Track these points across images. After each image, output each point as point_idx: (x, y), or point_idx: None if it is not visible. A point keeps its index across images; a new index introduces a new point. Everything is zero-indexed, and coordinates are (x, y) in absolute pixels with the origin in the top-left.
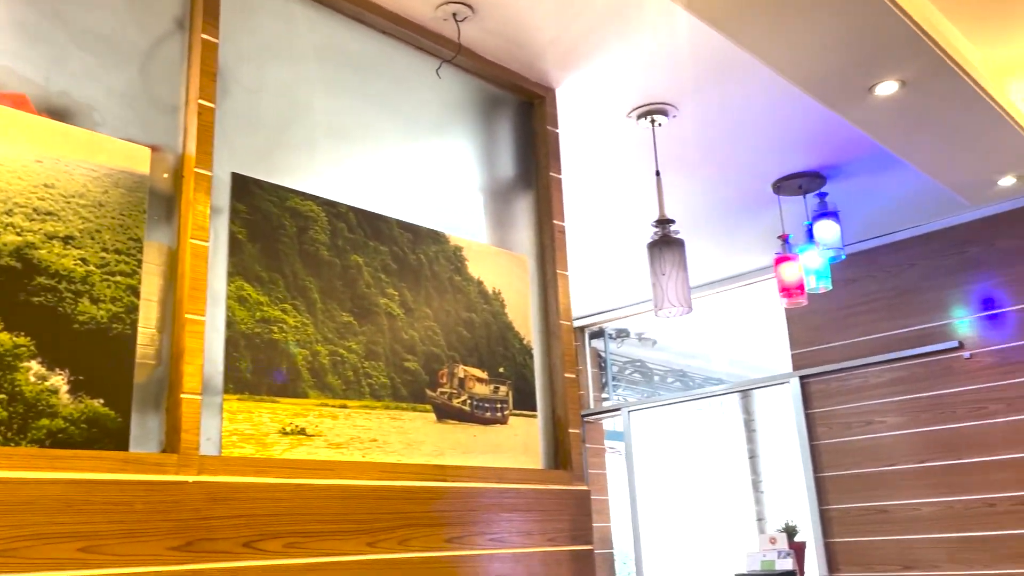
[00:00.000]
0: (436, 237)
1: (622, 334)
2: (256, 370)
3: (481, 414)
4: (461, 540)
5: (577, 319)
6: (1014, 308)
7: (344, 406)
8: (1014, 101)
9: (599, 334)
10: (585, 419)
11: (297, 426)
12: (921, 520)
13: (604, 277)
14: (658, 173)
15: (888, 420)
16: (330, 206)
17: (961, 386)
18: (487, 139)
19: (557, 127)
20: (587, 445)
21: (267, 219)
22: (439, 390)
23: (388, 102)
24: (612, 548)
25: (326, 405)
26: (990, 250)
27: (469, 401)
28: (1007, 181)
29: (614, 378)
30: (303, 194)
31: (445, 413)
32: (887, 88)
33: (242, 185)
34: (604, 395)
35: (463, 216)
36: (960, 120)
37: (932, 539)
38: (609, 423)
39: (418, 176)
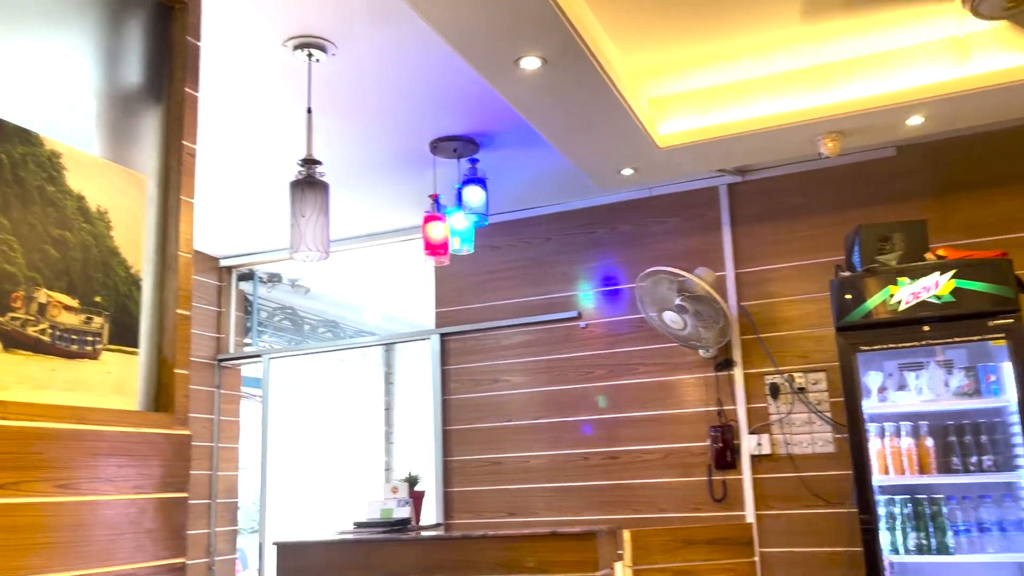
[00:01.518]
0: (26, 137)
1: (274, 279)
2: None
3: (65, 346)
4: (17, 487)
5: (225, 259)
6: (627, 286)
7: None
8: (643, 102)
9: (248, 276)
10: (222, 364)
11: None
12: (529, 471)
13: (256, 217)
14: (309, 110)
15: (512, 379)
16: None
17: (575, 352)
18: (111, 38)
19: (199, 39)
20: (220, 391)
21: None
22: (10, 315)
23: None
24: (237, 497)
25: None
26: (613, 233)
27: (50, 331)
28: (628, 171)
29: (261, 324)
30: None
31: (15, 342)
32: (531, 63)
33: None
34: (248, 340)
35: (68, 121)
36: (592, 107)
37: (536, 488)
38: (251, 370)
39: (13, 65)
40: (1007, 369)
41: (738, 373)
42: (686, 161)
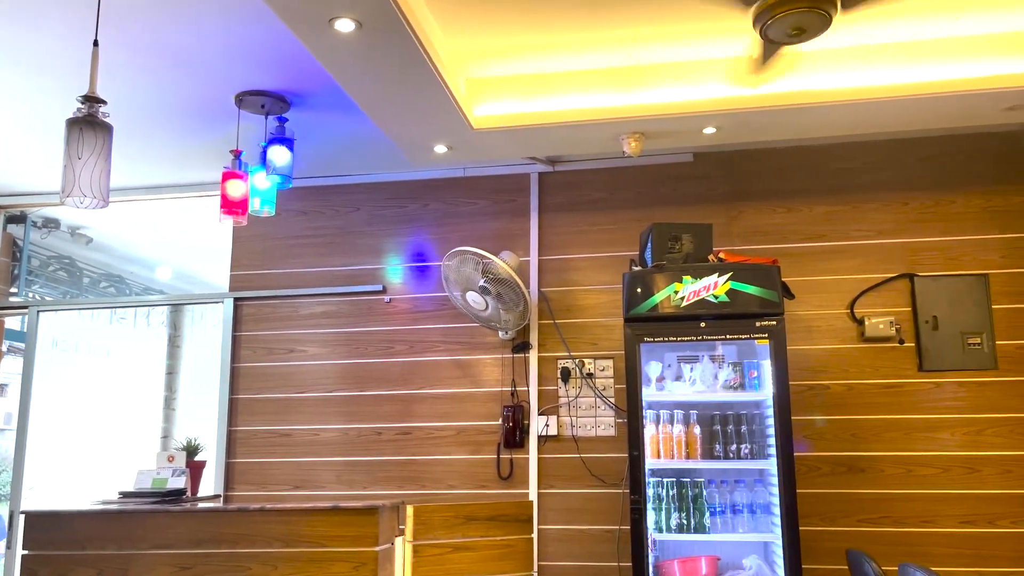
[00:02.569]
0: None
1: (51, 224)
2: None
3: None
4: None
5: None
6: (434, 264)
7: None
8: (461, 82)
9: (19, 219)
10: None
11: None
12: (319, 444)
13: (33, 154)
14: (96, 43)
15: (309, 350)
16: None
17: (377, 326)
18: None
19: None
20: None
21: None
22: None
23: None
24: None
25: None
26: (424, 209)
27: None
28: (441, 148)
29: (32, 273)
30: None
31: None
32: (345, 25)
33: None
34: (14, 289)
35: None
36: (406, 79)
37: (325, 461)
38: (17, 322)
39: None
40: (767, 366)
41: (533, 356)
42: (499, 145)
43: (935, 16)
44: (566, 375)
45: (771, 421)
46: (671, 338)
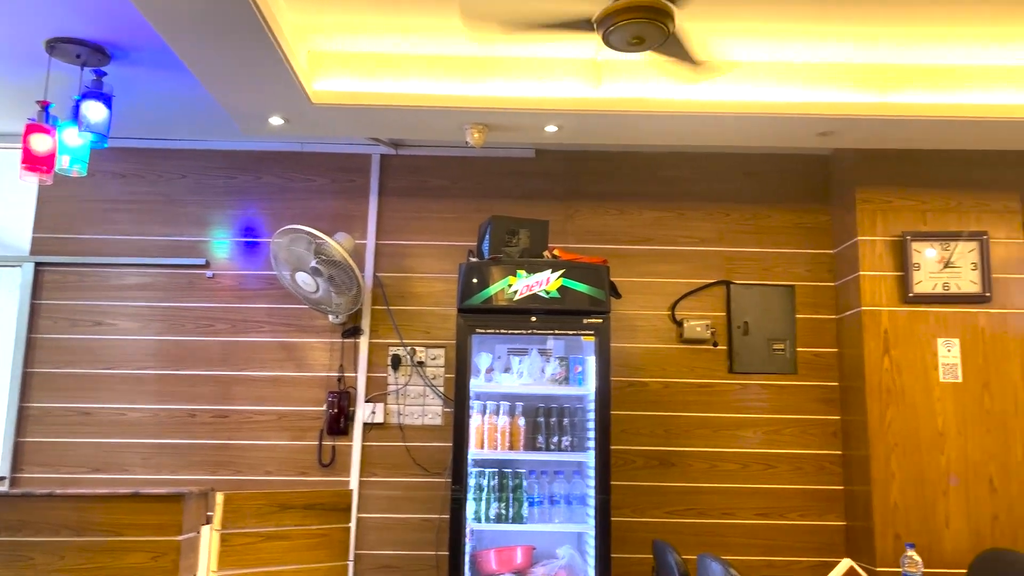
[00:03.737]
0: None
1: None
2: None
3: None
4: None
5: None
6: (263, 240)
7: None
8: (302, 53)
9: None
10: None
11: None
12: (126, 425)
13: None
14: None
15: (120, 324)
16: None
17: (197, 302)
18: None
19: None
20: None
21: None
22: None
23: None
24: None
25: None
26: (257, 183)
27: None
28: (277, 121)
29: None
30: None
31: None
32: None
33: None
34: None
35: None
36: (240, 43)
37: (132, 443)
38: None
39: None
40: (592, 362)
41: (364, 342)
42: (340, 123)
43: (764, 40)
44: (396, 363)
45: (592, 415)
46: (503, 330)
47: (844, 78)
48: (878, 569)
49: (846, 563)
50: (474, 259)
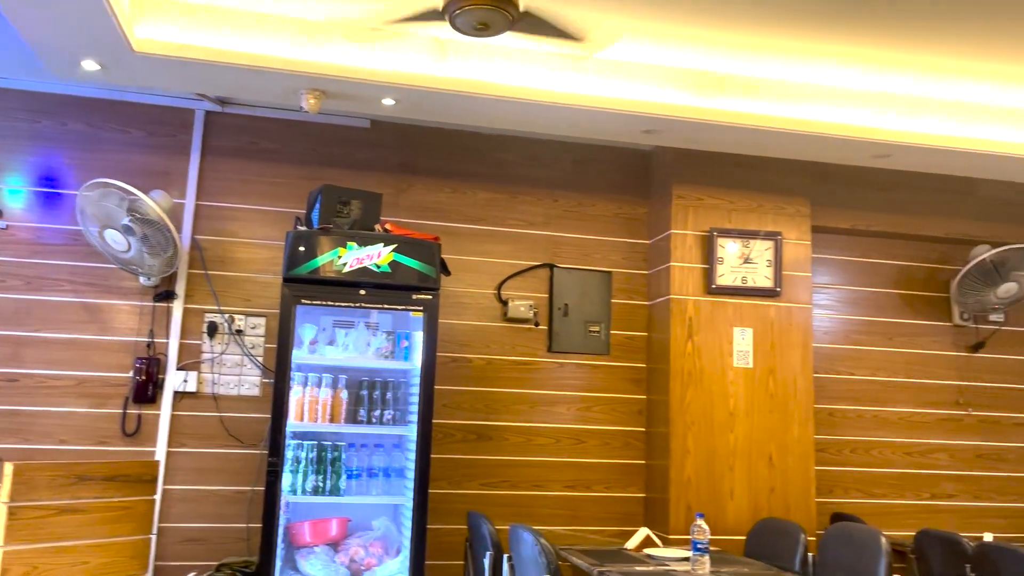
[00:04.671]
0: None
1: None
2: None
3: None
4: None
5: None
6: (69, 192)
7: None
8: None
9: None
10: None
11: None
12: None
13: None
14: None
15: None
16: None
17: None
18: None
19: None
20: None
21: None
22: None
23: None
24: None
25: None
26: (63, 129)
27: None
28: (91, 66)
29: None
30: None
31: None
32: None
33: None
34: None
35: None
36: None
37: None
38: None
39: None
40: (418, 338)
41: (178, 306)
42: (163, 74)
43: (599, 34)
44: (213, 330)
45: (415, 390)
46: (331, 302)
47: (670, 80)
48: (671, 537)
49: (643, 531)
50: (302, 227)
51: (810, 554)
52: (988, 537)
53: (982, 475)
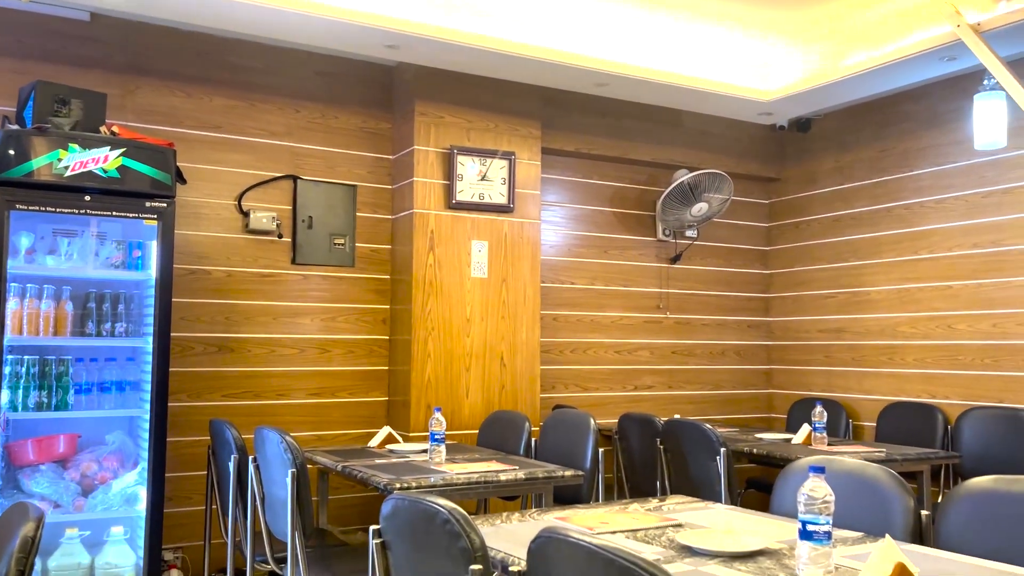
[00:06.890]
0: None
1: None
2: None
3: None
4: None
5: None
6: None
7: None
8: None
9: None
10: None
11: None
12: None
13: None
14: None
15: None
16: None
17: None
18: None
19: None
20: None
21: None
22: None
23: None
24: None
25: None
26: None
27: None
28: None
29: None
30: None
31: None
32: None
33: None
34: None
35: None
36: None
37: None
38: None
39: None
40: (153, 247)
41: None
42: None
43: None
44: None
45: (151, 301)
46: (51, 208)
47: None
48: (411, 434)
49: (385, 430)
50: (13, 127)
51: (534, 440)
52: (677, 417)
53: (676, 368)
